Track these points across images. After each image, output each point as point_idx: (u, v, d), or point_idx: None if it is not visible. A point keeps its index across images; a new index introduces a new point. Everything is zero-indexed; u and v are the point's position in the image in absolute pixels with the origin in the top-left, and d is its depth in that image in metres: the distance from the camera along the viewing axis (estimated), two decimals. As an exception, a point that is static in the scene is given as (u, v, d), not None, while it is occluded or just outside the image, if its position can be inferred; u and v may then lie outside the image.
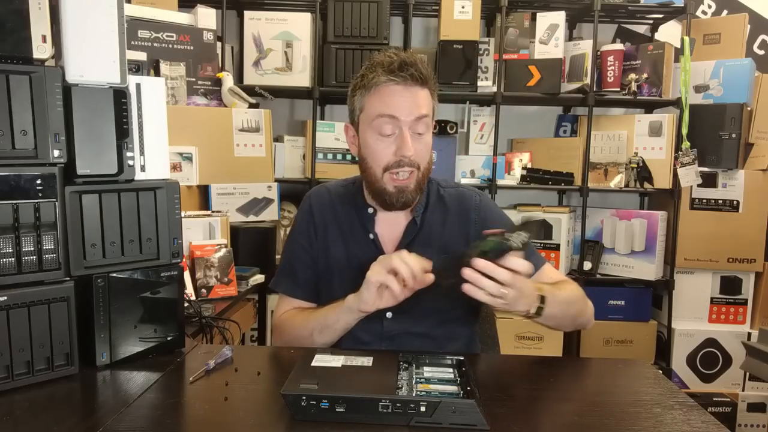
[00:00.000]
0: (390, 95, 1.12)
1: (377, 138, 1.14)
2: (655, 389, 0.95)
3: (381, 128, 1.13)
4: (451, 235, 1.22)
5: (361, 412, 0.79)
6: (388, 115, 1.12)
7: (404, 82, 1.11)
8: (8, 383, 0.89)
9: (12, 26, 0.89)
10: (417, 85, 1.12)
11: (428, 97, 1.15)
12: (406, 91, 1.12)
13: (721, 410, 2.49)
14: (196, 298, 1.65)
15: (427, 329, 1.19)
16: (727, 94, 2.60)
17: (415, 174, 1.15)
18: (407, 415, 0.79)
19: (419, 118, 1.12)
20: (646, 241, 2.59)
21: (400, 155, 1.12)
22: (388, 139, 1.13)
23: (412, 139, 1.12)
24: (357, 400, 0.79)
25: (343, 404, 0.79)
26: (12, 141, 0.89)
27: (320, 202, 1.28)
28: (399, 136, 1.12)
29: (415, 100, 1.12)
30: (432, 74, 1.16)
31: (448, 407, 0.78)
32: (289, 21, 2.52)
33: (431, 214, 1.23)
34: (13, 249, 0.89)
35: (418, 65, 1.12)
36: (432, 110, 1.17)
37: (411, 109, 1.12)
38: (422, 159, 1.15)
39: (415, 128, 1.13)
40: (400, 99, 1.12)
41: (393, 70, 1.11)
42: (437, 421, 0.79)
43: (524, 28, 2.58)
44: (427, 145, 1.16)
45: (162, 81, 1.08)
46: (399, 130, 1.12)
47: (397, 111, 1.11)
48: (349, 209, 1.25)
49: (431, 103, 1.16)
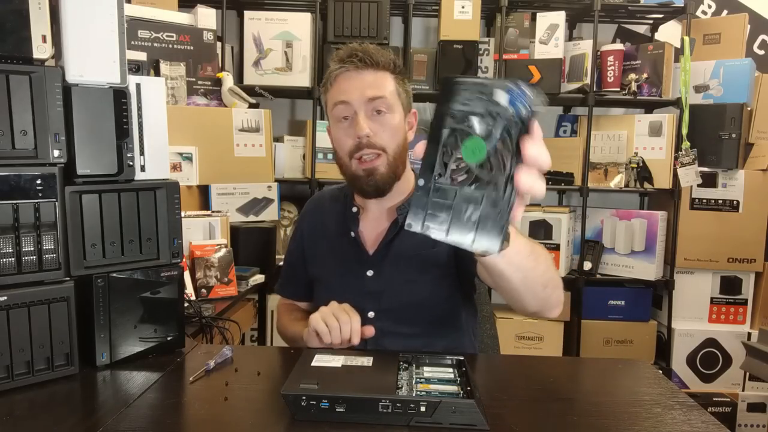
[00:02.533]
0: (342, 81, 1.15)
1: (338, 126, 1.17)
2: (655, 389, 0.95)
3: (339, 114, 1.15)
4: None
5: (361, 412, 0.79)
6: (341, 100, 1.14)
7: (354, 67, 1.13)
8: (8, 383, 0.89)
9: (12, 26, 0.89)
10: (369, 68, 1.14)
11: (385, 80, 1.15)
12: (357, 74, 1.14)
13: (721, 410, 2.49)
14: (196, 298, 1.65)
15: (410, 327, 1.18)
16: (727, 94, 2.60)
17: (384, 157, 1.15)
18: (407, 415, 0.79)
19: (372, 99, 1.13)
20: (646, 241, 2.59)
21: (356, 136, 1.13)
22: (346, 123, 1.15)
23: (370, 120, 1.13)
24: (357, 400, 0.79)
25: (343, 404, 0.79)
26: (12, 141, 0.89)
27: (313, 209, 1.35)
28: (355, 119, 1.14)
29: (366, 82, 1.13)
30: (394, 61, 1.17)
31: (448, 407, 0.78)
32: (289, 21, 2.52)
33: None
34: (13, 249, 0.89)
35: (368, 50, 1.14)
36: (395, 93, 1.17)
37: (362, 91, 1.13)
38: (386, 140, 1.15)
39: (371, 109, 1.14)
40: (350, 83, 1.14)
41: (342, 58, 1.15)
42: (437, 421, 0.79)
43: (524, 28, 2.58)
44: (390, 126, 1.15)
45: (162, 81, 1.08)
46: (354, 113, 1.14)
47: (347, 95, 1.13)
48: (337, 209, 1.28)
49: (390, 86, 1.16)
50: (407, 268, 1.18)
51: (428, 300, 1.19)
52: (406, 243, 1.18)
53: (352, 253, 1.22)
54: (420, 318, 1.19)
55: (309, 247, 1.30)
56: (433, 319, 1.20)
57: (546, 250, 1.10)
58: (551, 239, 2.62)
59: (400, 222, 1.19)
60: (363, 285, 1.19)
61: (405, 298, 1.18)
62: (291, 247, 1.36)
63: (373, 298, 1.18)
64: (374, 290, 1.19)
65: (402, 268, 1.18)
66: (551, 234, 2.63)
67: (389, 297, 1.18)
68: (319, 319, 1.06)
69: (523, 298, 0.95)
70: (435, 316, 1.20)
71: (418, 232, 0.67)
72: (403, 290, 1.18)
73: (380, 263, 1.19)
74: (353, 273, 1.21)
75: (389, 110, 1.15)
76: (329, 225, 1.28)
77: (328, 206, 1.31)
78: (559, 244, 2.61)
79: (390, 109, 1.15)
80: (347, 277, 1.21)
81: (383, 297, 1.18)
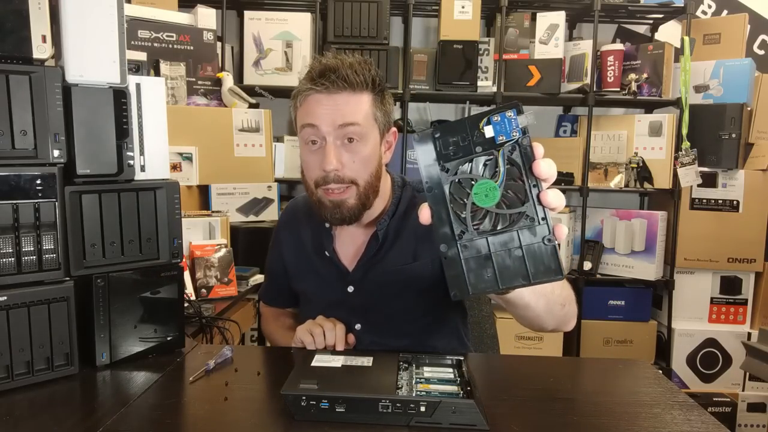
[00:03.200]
0: (313, 104, 1.05)
1: (305, 149, 1.08)
2: (655, 389, 0.95)
3: (307, 138, 1.07)
4: (417, 239, 1.15)
5: (361, 412, 0.79)
6: (308, 124, 1.05)
7: (326, 89, 1.03)
8: (8, 383, 0.89)
9: (12, 26, 0.89)
10: (342, 90, 1.04)
11: (360, 103, 1.05)
12: (328, 99, 1.04)
13: (721, 410, 2.49)
14: (196, 298, 1.65)
15: (397, 339, 1.16)
16: (727, 94, 2.60)
17: (353, 189, 1.07)
18: (407, 415, 0.79)
19: (343, 126, 1.03)
20: (646, 241, 2.59)
21: (322, 169, 1.05)
22: (315, 149, 1.07)
23: (340, 150, 1.05)
24: (357, 400, 0.79)
25: (343, 404, 0.79)
26: (12, 141, 0.89)
27: (288, 220, 1.30)
28: (323, 148, 1.05)
29: (338, 107, 1.03)
30: (373, 78, 1.07)
31: (448, 407, 0.78)
32: (289, 21, 2.52)
33: (399, 223, 1.16)
34: (13, 249, 0.89)
35: (341, 70, 1.03)
36: (370, 117, 1.07)
37: (333, 118, 1.03)
38: (356, 171, 1.06)
39: (342, 137, 1.04)
40: (320, 107, 1.04)
41: (313, 78, 1.04)
42: (437, 421, 0.79)
43: (524, 28, 2.58)
44: (361, 156, 1.06)
45: (162, 81, 1.08)
46: (323, 140, 1.05)
47: (317, 119, 1.04)
48: (312, 224, 1.22)
49: (367, 110, 1.06)
50: (389, 283, 1.15)
51: (413, 312, 1.17)
52: (386, 258, 1.16)
53: (331, 269, 1.18)
54: (406, 329, 1.17)
55: (289, 262, 1.27)
56: (420, 328, 1.18)
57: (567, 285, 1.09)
58: (551, 239, 2.62)
59: (380, 237, 1.15)
60: (345, 300, 1.17)
61: (390, 311, 1.16)
62: (271, 256, 1.32)
63: (357, 313, 1.17)
64: (358, 305, 1.17)
65: (384, 284, 1.15)
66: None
67: (374, 312, 1.17)
68: (305, 331, 1.06)
69: (543, 321, 0.95)
70: (422, 325, 1.18)
71: (472, 295, 0.63)
72: (387, 304, 1.16)
73: (360, 280, 1.16)
74: (334, 289, 1.18)
75: (361, 138, 1.05)
76: (305, 240, 1.23)
77: (303, 218, 1.25)
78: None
79: (363, 137, 1.06)
80: (328, 293, 1.19)
81: (368, 311, 1.17)
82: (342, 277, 1.17)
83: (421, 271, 1.15)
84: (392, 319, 1.17)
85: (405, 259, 1.16)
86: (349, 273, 1.17)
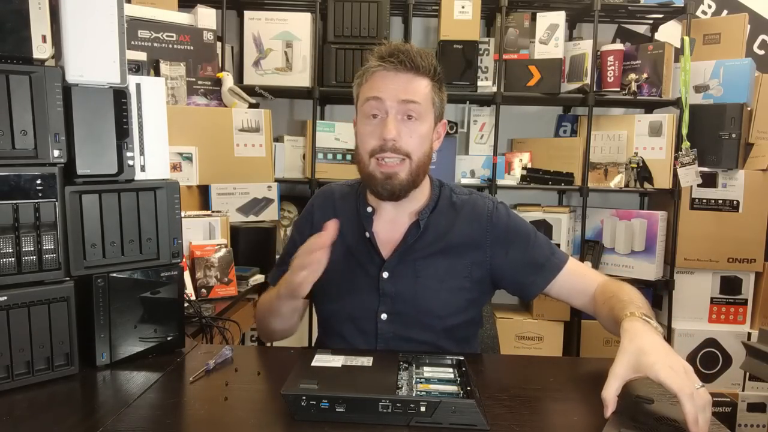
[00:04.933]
0: (379, 79, 1.12)
1: (365, 122, 1.14)
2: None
3: (369, 111, 1.13)
4: (458, 240, 1.18)
5: (361, 412, 0.79)
6: (374, 97, 1.12)
7: (394, 67, 1.11)
8: (8, 383, 0.89)
9: (12, 26, 0.89)
10: (408, 71, 1.11)
11: (422, 86, 1.13)
12: (395, 76, 1.11)
13: (721, 410, 2.49)
14: (196, 298, 1.65)
15: (420, 333, 1.16)
16: (727, 94, 2.60)
17: (407, 163, 1.12)
18: (407, 415, 0.79)
19: (406, 102, 1.10)
20: (646, 241, 2.59)
21: (382, 138, 1.11)
22: (375, 122, 1.12)
23: (399, 124, 1.11)
24: (357, 400, 0.79)
25: (343, 404, 0.79)
26: (12, 141, 0.89)
27: (323, 202, 1.29)
28: (384, 120, 1.11)
29: (402, 84, 1.11)
30: (434, 67, 1.14)
31: (448, 407, 0.78)
32: (289, 21, 2.52)
33: (438, 218, 1.20)
34: (13, 249, 0.89)
35: (410, 52, 1.11)
36: (429, 100, 1.14)
37: (397, 92, 1.10)
38: (412, 147, 1.12)
39: (403, 112, 1.11)
40: (387, 82, 1.11)
41: (383, 56, 1.12)
42: (437, 421, 0.79)
43: (524, 28, 2.58)
44: (418, 133, 1.13)
45: (162, 81, 1.08)
46: (385, 113, 1.11)
47: (382, 93, 1.11)
48: (350, 208, 1.24)
49: (427, 93, 1.14)
50: (424, 274, 1.16)
51: (442, 309, 1.16)
52: (424, 249, 1.17)
53: (366, 253, 1.19)
54: (432, 326, 1.17)
55: None
56: (444, 328, 1.17)
57: (620, 283, 1.14)
58: (551, 239, 2.62)
59: (422, 226, 1.17)
60: (377, 286, 1.17)
61: (419, 305, 1.16)
62: (294, 238, 1.29)
63: (386, 300, 1.16)
64: (388, 292, 1.17)
65: (418, 275, 1.16)
66: (551, 234, 2.63)
67: (403, 301, 1.16)
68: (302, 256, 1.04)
69: None
70: (447, 325, 1.18)
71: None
72: (417, 296, 1.16)
73: (396, 267, 1.17)
74: (367, 273, 1.18)
75: (420, 117, 1.12)
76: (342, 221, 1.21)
77: (339, 204, 1.27)
78: (559, 244, 2.61)
79: (421, 116, 1.13)
80: (360, 276, 1.19)
81: (397, 300, 1.16)
82: (377, 261, 1.18)
83: (455, 268, 1.17)
84: (419, 311, 1.16)
85: (441, 253, 1.17)
86: (385, 258, 1.18)
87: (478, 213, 1.21)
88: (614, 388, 0.84)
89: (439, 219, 1.20)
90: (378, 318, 1.16)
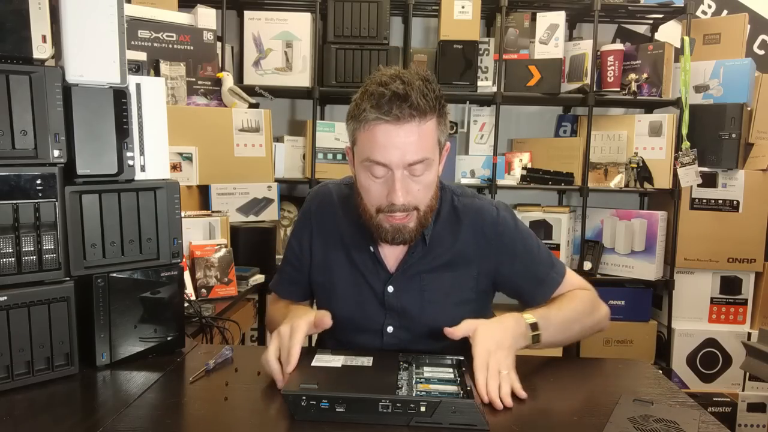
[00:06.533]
0: (380, 136, 0.99)
1: (369, 178, 1.05)
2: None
3: (371, 171, 1.03)
4: (464, 252, 1.15)
5: (361, 412, 0.79)
6: (379, 161, 1.01)
7: (396, 120, 0.98)
8: (8, 383, 0.89)
9: (12, 26, 0.89)
10: (412, 120, 0.98)
11: (429, 132, 1.02)
12: (398, 130, 0.98)
13: (721, 410, 2.49)
14: (196, 298, 1.65)
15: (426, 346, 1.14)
16: (727, 94, 2.60)
17: (415, 214, 1.06)
18: (407, 414, 0.79)
19: (413, 164, 1.01)
20: (646, 241, 2.59)
21: (390, 201, 1.03)
22: (380, 181, 1.04)
23: (407, 182, 1.02)
24: (357, 400, 0.79)
25: (343, 404, 0.79)
26: (12, 141, 0.89)
27: (322, 205, 1.23)
28: (390, 179, 1.02)
29: (408, 142, 0.99)
30: (440, 99, 1.03)
31: (448, 407, 0.78)
32: (289, 21, 2.52)
33: (442, 228, 1.15)
34: (13, 249, 0.89)
35: (412, 98, 0.97)
36: (435, 142, 1.04)
37: (403, 155, 0.99)
38: (420, 201, 1.05)
39: (410, 171, 1.02)
40: (390, 142, 0.99)
41: (381, 106, 0.97)
42: (437, 421, 0.79)
43: (524, 28, 2.58)
44: (426, 185, 1.05)
45: (162, 81, 1.08)
46: (391, 173, 1.02)
47: (386, 158, 1.00)
48: (349, 215, 1.17)
49: (433, 137, 1.03)
50: (429, 289, 1.14)
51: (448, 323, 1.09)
52: (429, 263, 1.15)
53: (371, 266, 1.16)
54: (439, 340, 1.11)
55: (318, 253, 1.21)
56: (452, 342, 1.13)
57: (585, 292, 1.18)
58: (551, 239, 2.62)
59: (427, 242, 1.13)
60: (382, 300, 1.15)
61: (425, 319, 1.14)
62: (293, 245, 1.24)
63: (392, 314, 1.15)
64: (394, 306, 1.15)
65: (424, 289, 1.14)
66: (551, 234, 2.63)
67: (409, 316, 1.15)
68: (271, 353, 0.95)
69: (584, 335, 1.18)
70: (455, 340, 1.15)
71: None
72: (423, 311, 1.14)
73: (401, 281, 1.14)
74: (371, 287, 1.16)
75: (428, 168, 1.03)
76: (342, 230, 1.18)
77: (339, 209, 1.20)
78: (559, 244, 2.61)
79: (429, 166, 1.03)
80: (365, 290, 1.16)
81: (403, 315, 1.15)
82: (383, 276, 1.15)
83: (461, 281, 1.15)
84: (426, 326, 1.14)
85: (447, 267, 1.15)
86: (390, 273, 1.15)
87: (483, 222, 1.16)
88: (461, 333, 0.99)
89: (443, 230, 1.15)
90: (384, 331, 1.15)
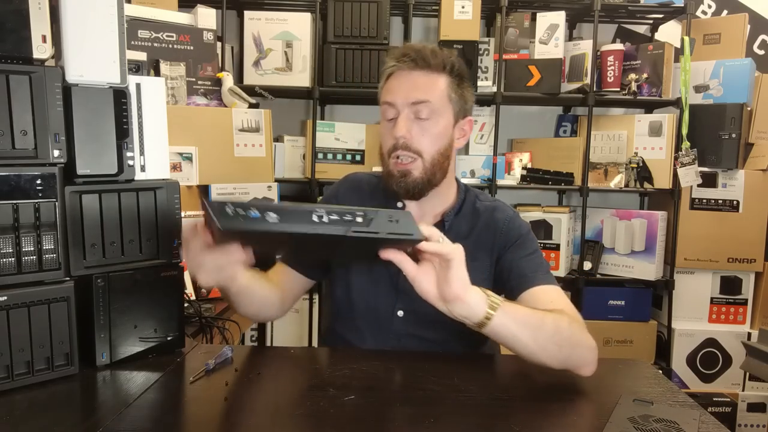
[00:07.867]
0: (393, 81, 1.15)
1: (383, 124, 1.17)
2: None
3: (385, 114, 1.16)
4: (477, 244, 1.18)
5: (294, 222, 0.73)
6: (386, 101, 1.14)
7: (406, 66, 1.13)
8: (8, 383, 0.89)
9: (12, 26, 0.89)
10: (420, 69, 1.13)
11: (436, 83, 1.13)
12: (407, 75, 1.13)
13: (721, 410, 2.49)
14: (196, 298, 1.65)
15: (435, 333, 1.15)
16: (727, 94, 2.60)
17: (419, 162, 1.13)
18: (344, 223, 0.76)
19: (415, 103, 1.11)
20: (646, 241, 2.59)
21: (394, 137, 1.12)
22: (390, 123, 1.15)
23: (410, 123, 1.12)
24: (290, 210, 0.74)
25: (275, 215, 0.72)
26: (12, 141, 0.89)
27: (349, 187, 1.30)
28: (396, 119, 1.13)
29: (413, 84, 1.12)
30: (451, 63, 1.15)
31: (384, 216, 0.78)
32: (289, 21, 2.52)
33: (461, 221, 1.21)
34: (13, 249, 0.89)
35: (421, 51, 1.13)
36: (444, 98, 1.14)
37: (407, 93, 1.12)
38: (423, 146, 1.13)
39: (414, 112, 1.12)
40: (398, 83, 1.14)
41: (396, 56, 1.14)
42: (375, 229, 0.77)
43: (524, 28, 2.58)
44: (431, 132, 1.13)
45: (162, 81, 1.08)
46: (398, 114, 1.13)
47: (393, 95, 1.13)
48: (378, 199, 1.24)
49: (442, 90, 1.13)
50: None
51: None
52: None
53: None
54: (448, 327, 1.12)
55: None
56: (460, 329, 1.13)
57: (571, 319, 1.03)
58: (551, 239, 2.62)
59: (446, 227, 1.17)
60: (396, 281, 1.16)
61: None
62: None
63: (404, 297, 1.16)
64: (407, 289, 1.14)
65: None
66: (551, 234, 2.63)
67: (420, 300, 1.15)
68: None
69: (538, 356, 0.97)
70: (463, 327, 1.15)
71: None
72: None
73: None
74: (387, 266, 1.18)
75: (432, 116, 1.13)
76: None
77: (368, 192, 1.27)
78: (559, 244, 2.61)
79: (434, 114, 1.13)
80: (380, 270, 1.18)
81: (416, 298, 1.16)
82: None
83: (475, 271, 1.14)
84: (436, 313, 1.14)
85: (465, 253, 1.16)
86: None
87: (497, 218, 1.21)
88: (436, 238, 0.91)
89: (461, 223, 1.21)
90: (394, 314, 1.17)
